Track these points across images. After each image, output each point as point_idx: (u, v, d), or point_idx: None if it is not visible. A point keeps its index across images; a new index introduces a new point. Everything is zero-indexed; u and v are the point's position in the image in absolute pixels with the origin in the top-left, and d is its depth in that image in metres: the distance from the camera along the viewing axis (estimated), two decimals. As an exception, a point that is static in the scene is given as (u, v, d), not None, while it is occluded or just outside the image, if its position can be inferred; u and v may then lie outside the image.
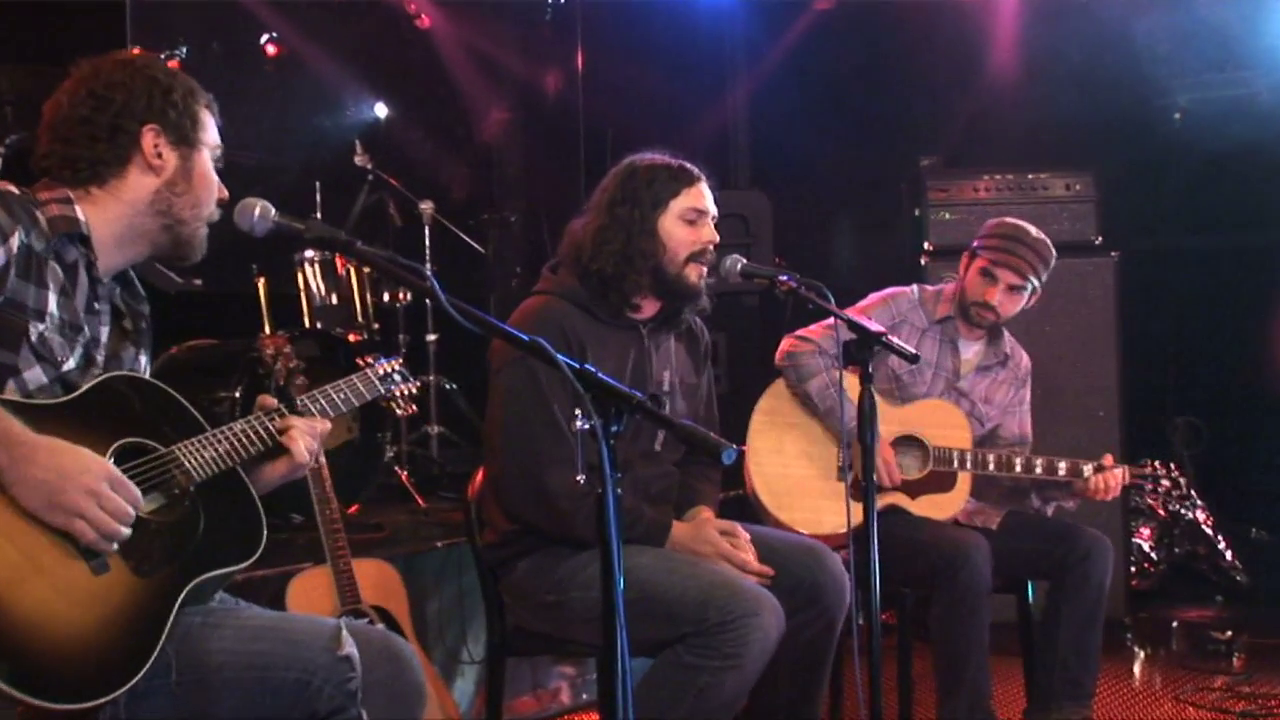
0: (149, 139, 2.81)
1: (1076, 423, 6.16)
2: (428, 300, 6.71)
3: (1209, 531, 7.09)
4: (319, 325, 6.18)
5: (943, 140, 7.38)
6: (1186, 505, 7.04)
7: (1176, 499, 4.71)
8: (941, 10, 7.70)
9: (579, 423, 2.44)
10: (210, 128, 2.92)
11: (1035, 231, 4.74)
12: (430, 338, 6.92)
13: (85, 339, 2.77)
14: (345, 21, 8.04)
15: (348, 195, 6.96)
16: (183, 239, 2.89)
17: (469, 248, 7.48)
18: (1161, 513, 6.98)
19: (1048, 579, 4.66)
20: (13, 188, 2.72)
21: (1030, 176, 6.46)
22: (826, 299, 3.82)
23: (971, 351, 4.85)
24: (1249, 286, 7.54)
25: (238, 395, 5.15)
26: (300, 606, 4.18)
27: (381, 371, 3.22)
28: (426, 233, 7.01)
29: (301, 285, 6.27)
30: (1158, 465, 4.68)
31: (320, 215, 6.61)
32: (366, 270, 6.38)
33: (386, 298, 6.72)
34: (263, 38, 7.58)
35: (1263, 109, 7.24)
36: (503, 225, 8.16)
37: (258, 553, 2.81)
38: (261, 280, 6.30)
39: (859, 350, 3.65)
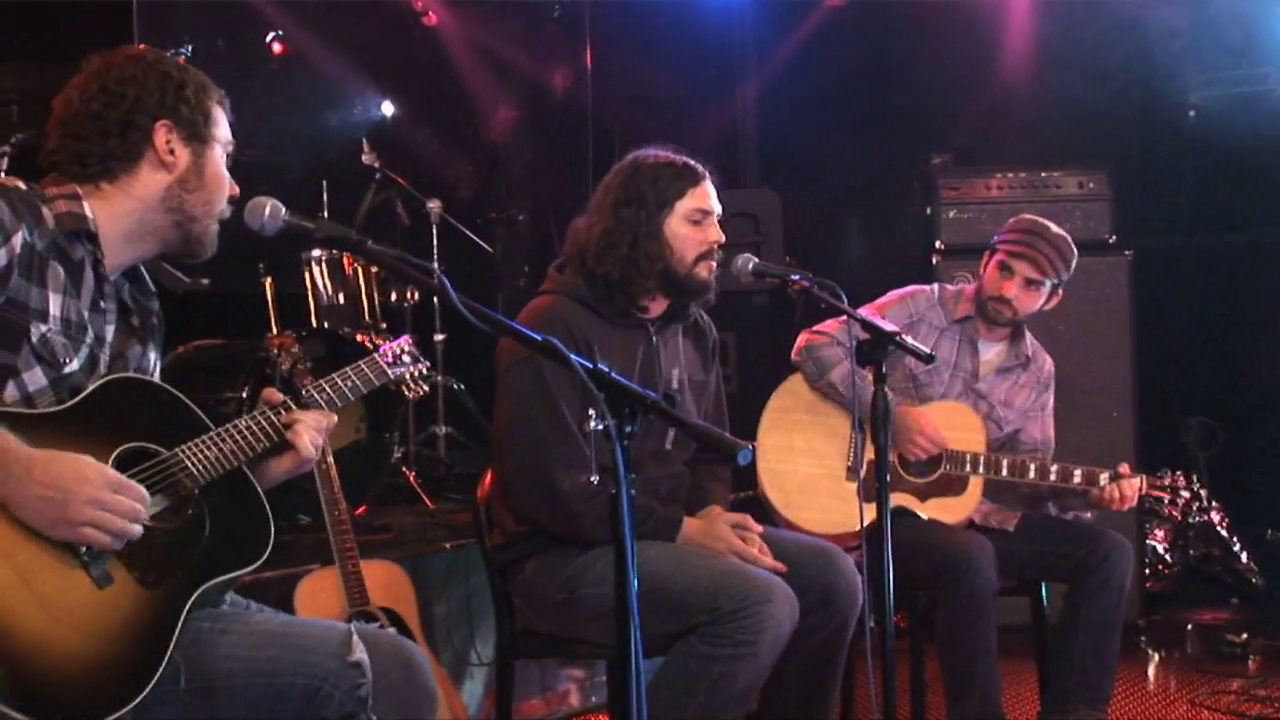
0: (161, 135, 2.79)
1: (1090, 423, 6.15)
2: (435, 300, 6.84)
3: (1224, 533, 7.07)
4: (326, 325, 6.18)
5: (954, 138, 7.36)
6: (1202, 508, 7.03)
7: (1197, 511, 4.66)
8: (953, 7, 7.69)
9: (593, 423, 2.43)
10: (222, 124, 2.90)
11: (1056, 229, 4.73)
12: (438, 337, 6.91)
13: (90, 339, 2.75)
14: (351, 19, 8.03)
15: (354, 194, 6.95)
16: (193, 236, 2.87)
17: (476, 246, 7.48)
18: (1176, 515, 6.97)
19: (1066, 581, 4.63)
20: (20, 183, 2.70)
21: (1043, 174, 6.44)
22: (840, 298, 3.82)
23: (992, 352, 4.82)
24: (1265, 285, 7.52)
25: (244, 395, 5.14)
26: (308, 608, 4.18)
27: (390, 355, 3.18)
28: (434, 231, 7.01)
29: (308, 285, 6.26)
30: (1177, 475, 4.63)
31: (327, 214, 6.61)
32: (374, 270, 6.38)
33: (394, 297, 6.72)
34: (268, 36, 7.58)
35: (1278, 105, 7.22)
36: (510, 224, 8.16)
37: (265, 555, 2.79)
38: (268, 280, 6.30)
39: (873, 350, 3.64)
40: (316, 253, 6.24)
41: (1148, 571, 6.72)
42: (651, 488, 3.91)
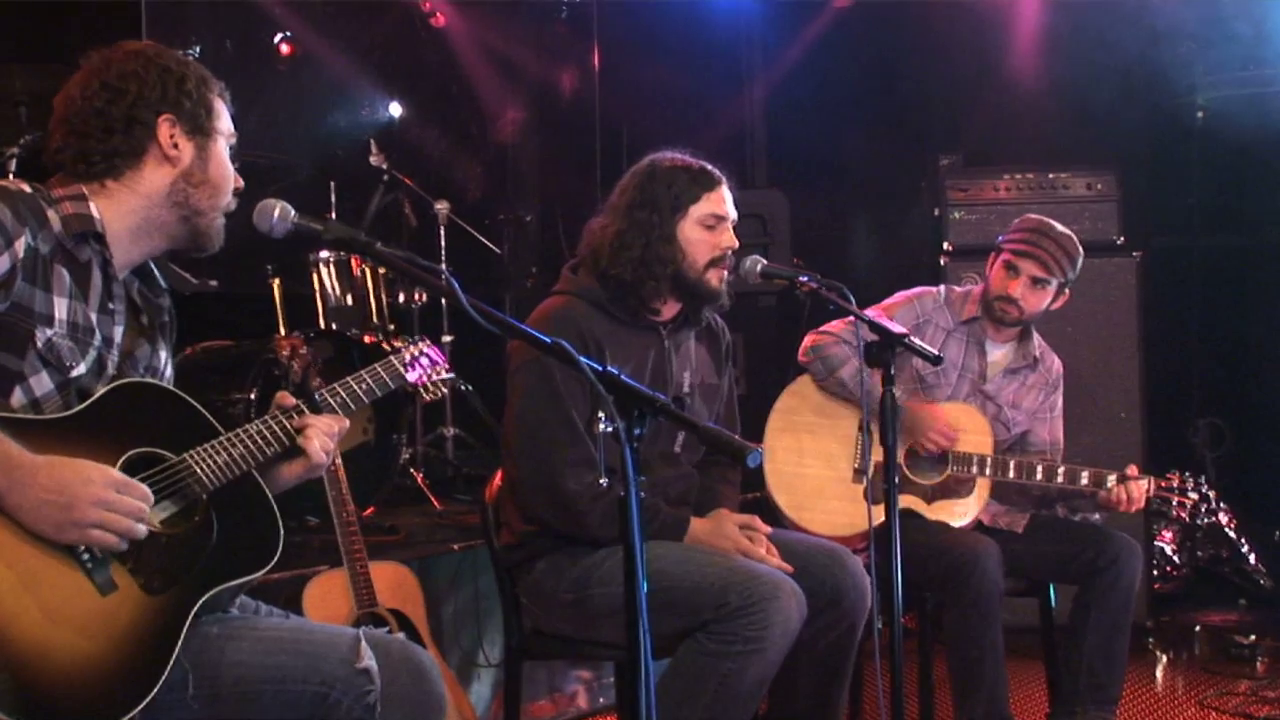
0: (165, 129, 2.79)
1: (1098, 424, 6.15)
2: (443, 301, 6.84)
3: (1232, 534, 7.07)
4: (334, 326, 6.18)
5: (962, 139, 7.37)
6: (1210, 509, 7.01)
7: (1206, 513, 4.65)
8: (961, 8, 7.68)
9: (602, 425, 2.43)
10: (224, 116, 2.90)
11: (1061, 228, 4.74)
12: (446, 339, 6.90)
13: (97, 342, 2.74)
14: (359, 20, 8.03)
15: (362, 195, 6.95)
16: (200, 230, 2.86)
17: (484, 248, 7.48)
18: (1184, 516, 6.96)
19: (1075, 582, 4.63)
20: (25, 186, 2.70)
21: (1051, 175, 6.44)
22: (847, 300, 3.82)
23: (999, 353, 4.83)
24: (1274, 286, 7.51)
25: (253, 397, 5.15)
26: (316, 609, 4.18)
27: (407, 357, 3.17)
28: (441, 233, 7.01)
29: (316, 286, 6.26)
30: (1185, 477, 4.63)
31: (335, 216, 6.61)
32: (382, 271, 6.37)
33: (402, 299, 6.71)
34: (276, 37, 7.58)
35: (1287, 106, 7.22)
36: (518, 225, 8.14)
37: (273, 560, 2.77)
38: (276, 281, 6.30)
39: (881, 352, 3.64)
40: (325, 254, 6.24)
41: (1156, 573, 6.72)
42: (660, 490, 3.91)
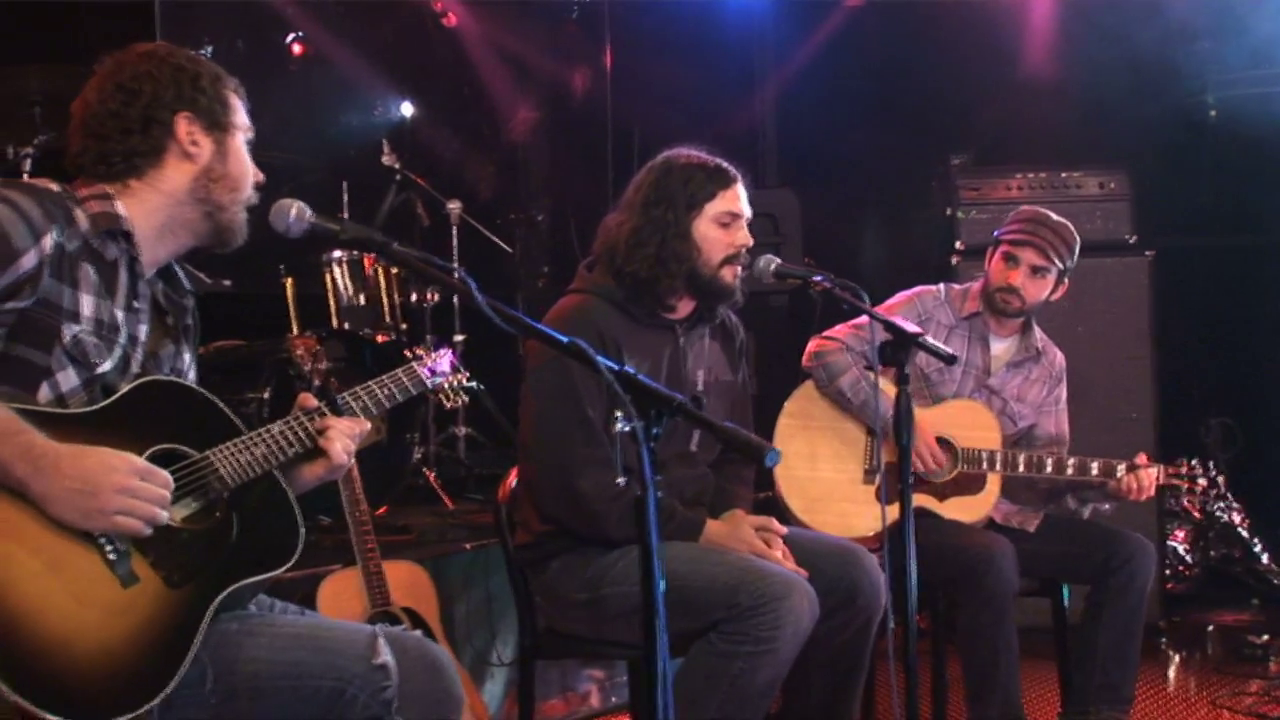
0: (183, 127, 2.81)
1: (1109, 425, 6.14)
2: (455, 300, 6.85)
3: (1245, 534, 7.07)
4: (346, 326, 6.20)
5: (974, 138, 7.36)
6: (1222, 507, 7.01)
7: (1214, 498, 4.67)
8: (973, 6, 7.68)
9: (619, 425, 2.43)
10: (240, 111, 2.93)
11: (1056, 217, 4.76)
12: (458, 338, 6.92)
13: (123, 339, 2.76)
14: (371, 20, 8.04)
15: (375, 195, 6.97)
16: (223, 225, 2.89)
17: (496, 247, 7.49)
18: (1197, 515, 6.96)
19: (1088, 583, 4.63)
20: (52, 185, 2.72)
21: (1063, 175, 6.44)
22: (861, 299, 3.83)
23: (1001, 346, 4.84)
24: (1285, 286, 7.51)
25: (266, 396, 5.16)
26: (330, 608, 4.20)
27: (429, 364, 3.18)
28: (454, 232, 7.02)
29: (329, 286, 6.28)
30: (1194, 464, 4.65)
31: (347, 215, 6.63)
32: (394, 271, 6.39)
33: (414, 298, 6.72)
34: (288, 37, 7.60)
35: (1300, 105, 7.21)
36: (530, 225, 8.17)
37: (293, 559, 2.79)
38: (289, 281, 6.32)
39: (895, 351, 3.64)
40: (337, 254, 6.25)
41: (1168, 573, 6.72)
42: (676, 490, 3.91)
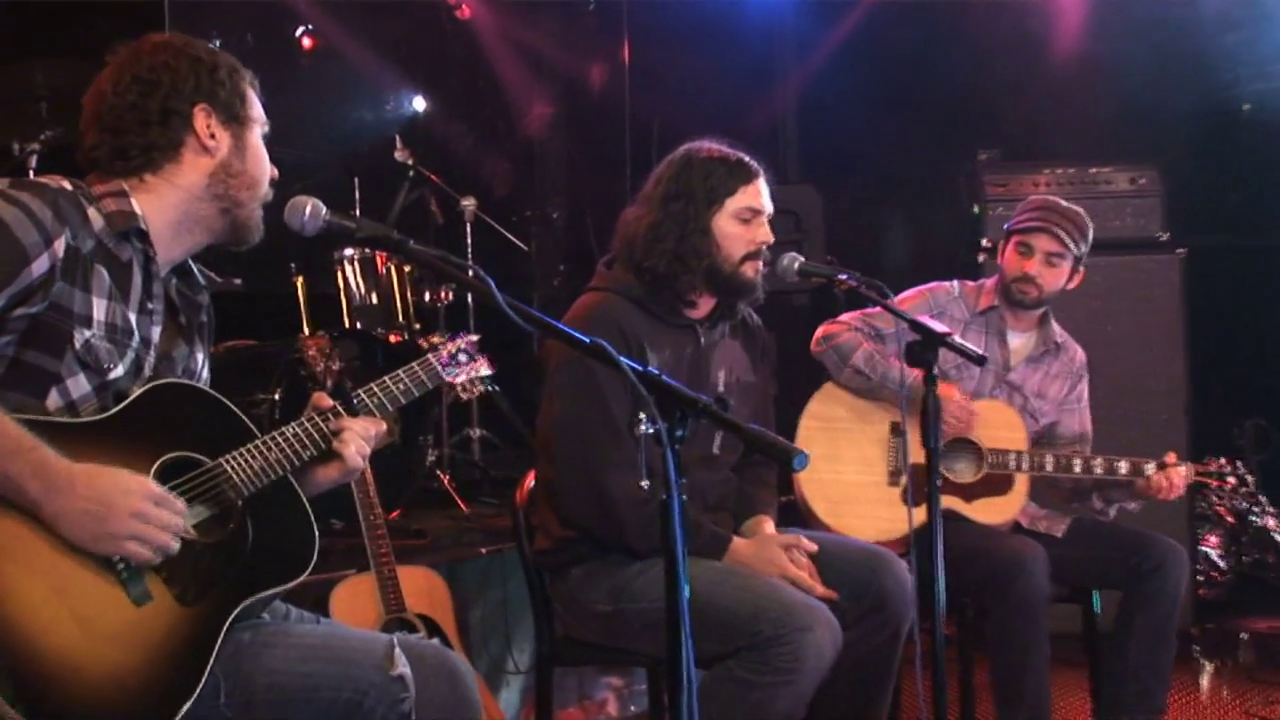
0: (201, 119, 2.79)
1: (1140, 426, 6.10)
2: (470, 299, 6.84)
3: (1279, 539, 7.03)
4: (359, 325, 6.20)
5: (1001, 133, 7.34)
6: (1255, 510, 6.98)
7: (1244, 496, 4.65)
8: (1000, -2, 7.67)
9: (643, 426, 2.42)
10: (256, 105, 2.91)
11: (1066, 203, 4.76)
12: (472, 338, 6.90)
13: (135, 343, 2.74)
14: (383, 13, 8.05)
15: (387, 192, 6.97)
16: (240, 222, 2.86)
17: (511, 245, 7.49)
18: (1229, 519, 6.93)
19: (1119, 589, 4.62)
20: (65, 183, 2.69)
21: (1093, 170, 6.42)
22: (887, 298, 3.81)
23: (1020, 340, 4.85)
24: (1321, 284, 7.48)
25: (277, 397, 5.17)
26: (344, 614, 4.19)
27: (445, 355, 3.15)
28: (468, 230, 7.02)
29: (341, 284, 6.28)
30: (1223, 462, 4.64)
31: (359, 212, 6.63)
32: (407, 269, 6.39)
33: (427, 297, 6.73)
34: (298, 30, 7.61)
35: (1335, 99, 7.19)
36: (545, 222, 8.18)
37: (308, 569, 2.78)
38: (300, 280, 6.33)
39: (923, 351, 3.62)
40: (349, 252, 6.26)
41: (1201, 578, 6.69)
42: (699, 494, 3.89)
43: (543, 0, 8.71)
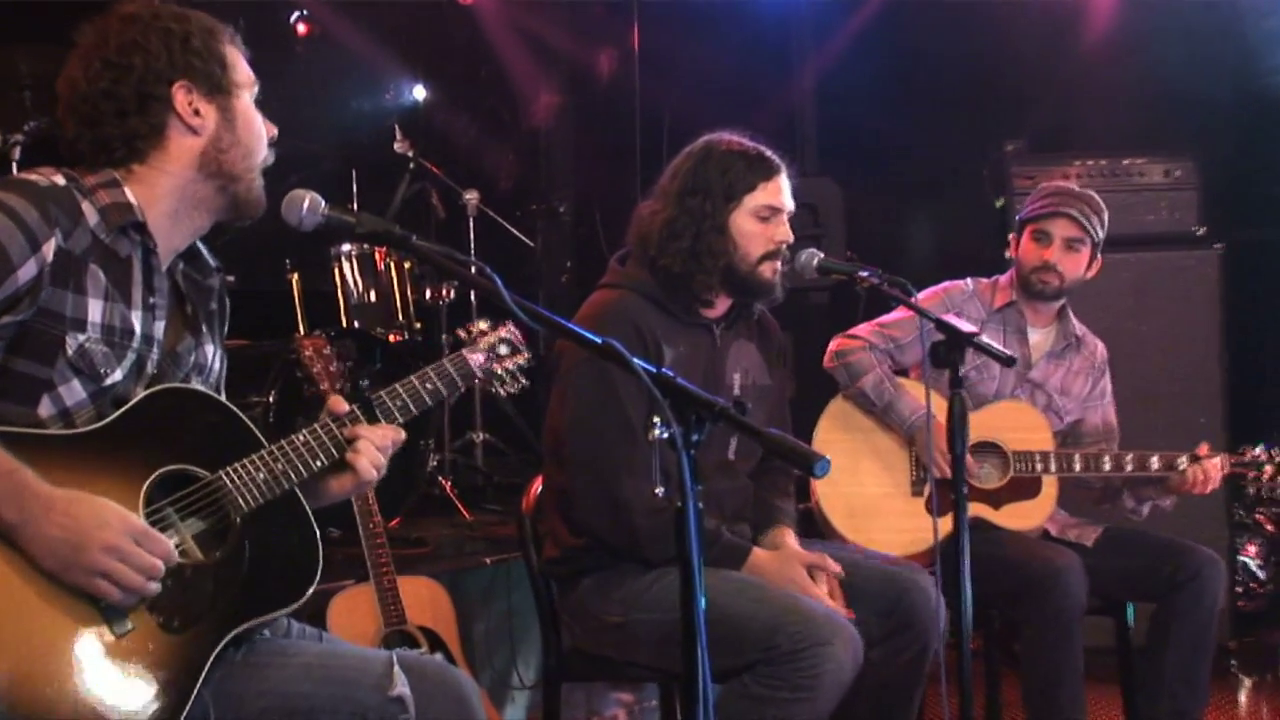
0: (182, 98, 2.70)
1: (1174, 431, 6.05)
2: (472, 298, 6.84)
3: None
4: (357, 324, 6.20)
5: (1029, 123, 7.31)
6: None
7: (1287, 490, 4.63)
8: (1028, -19, 7.65)
9: (657, 431, 2.41)
10: (240, 65, 2.82)
11: (1078, 187, 4.81)
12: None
13: (137, 342, 2.68)
14: (381, -3, 8.06)
15: (387, 185, 6.97)
16: (240, 197, 2.79)
17: (516, 240, 7.49)
18: (1269, 527, 6.91)
19: (1153, 600, 4.61)
20: (57, 177, 2.64)
21: (1125, 162, 6.40)
22: (910, 295, 3.81)
23: (1040, 335, 4.86)
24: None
25: (271, 400, 5.16)
26: (342, 626, 4.19)
27: (483, 348, 3.03)
28: (471, 224, 7.02)
29: (338, 281, 6.28)
30: (1259, 452, 4.62)
31: (358, 206, 6.63)
32: (407, 265, 6.39)
33: (428, 295, 6.72)
34: (293, 15, 7.60)
35: (1379, 86, 7.16)
36: (552, 216, 8.16)
37: (308, 593, 2.73)
38: (295, 276, 6.32)
39: (949, 352, 3.61)
40: (347, 247, 6.26)
41: (1239, 590, 6.67)
42: (716, 502, 3.89)
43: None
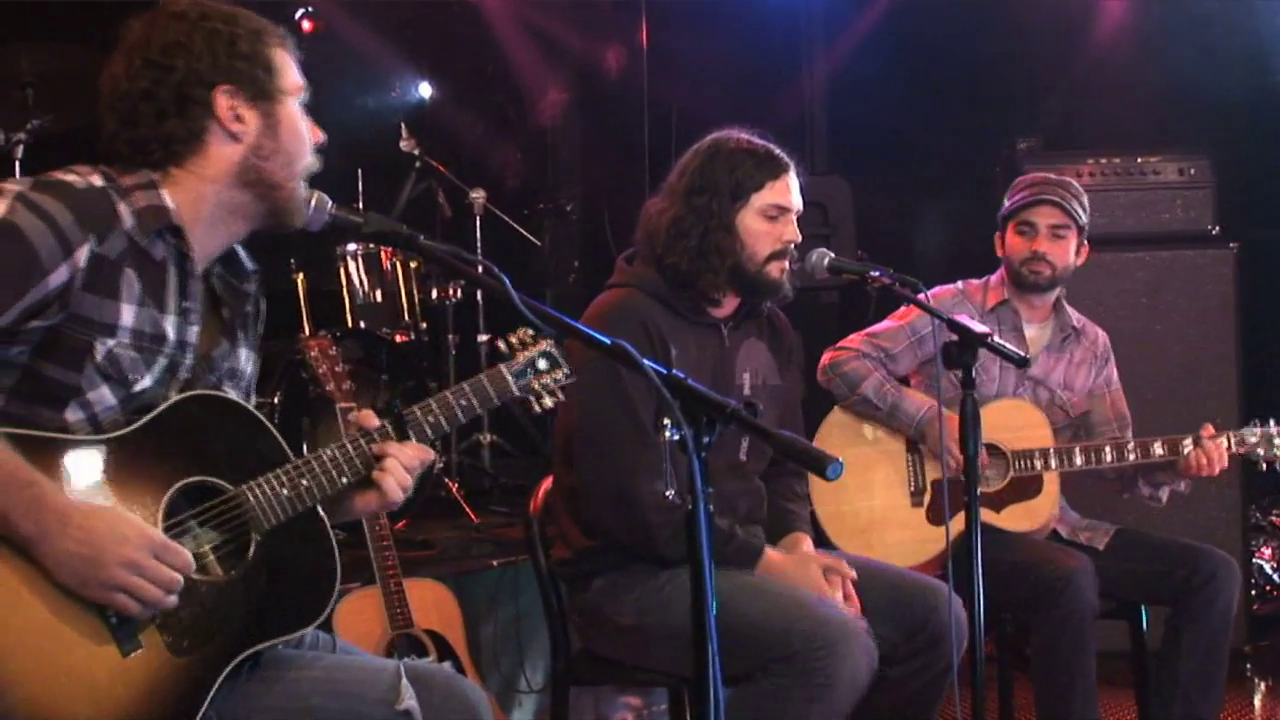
0: (223, 103, 2.65)
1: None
2: (480, 298, 6.84)
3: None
4: (363, 324, 6.20)
5: (1041, 120, 7.33)
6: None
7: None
8: (1040, -23, 7.65)
9: (668, 433, 2.42)
10: (289, 69, 2.76)
11: (1054, 175, 4.83)
12: (482, 338, 6.92)
13: (169, 348, 2.64)
14: (387, -7, 8.07)
15: (393, 183, 6.98)
16: (279, 205, 2.74)
17: (523, 240, 7.49)
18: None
19: (1167, 604, 4.60)
20: (97, 178, 2.59)
21: (1139, 160, 6.38)
22: (923, 295, 3.81)
23: (1035, 331, 4.86)
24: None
25: (276, 401, 5.17)
26: (348, 629, 4.19)
27: (520, 363, 2.93)
28: (477, 223, 7.02)
29: (343, 281, 6.29)
30: (1271, 425, 4.60)
31: (363, 205, 6.63)
32: (413, 265, 6.40)
33: (435, 294, 6.72)
34: (298, 13, 7.60)
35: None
36: (559, 215, 8.16)
37: (322, 617, 2.70)
38: (300, 276, 6.32)
39: (961, 353, 3.62)
40: (352, 247, 6.26)
41: (1254, 593, 6.67)
42: (729, 506, 3.89)
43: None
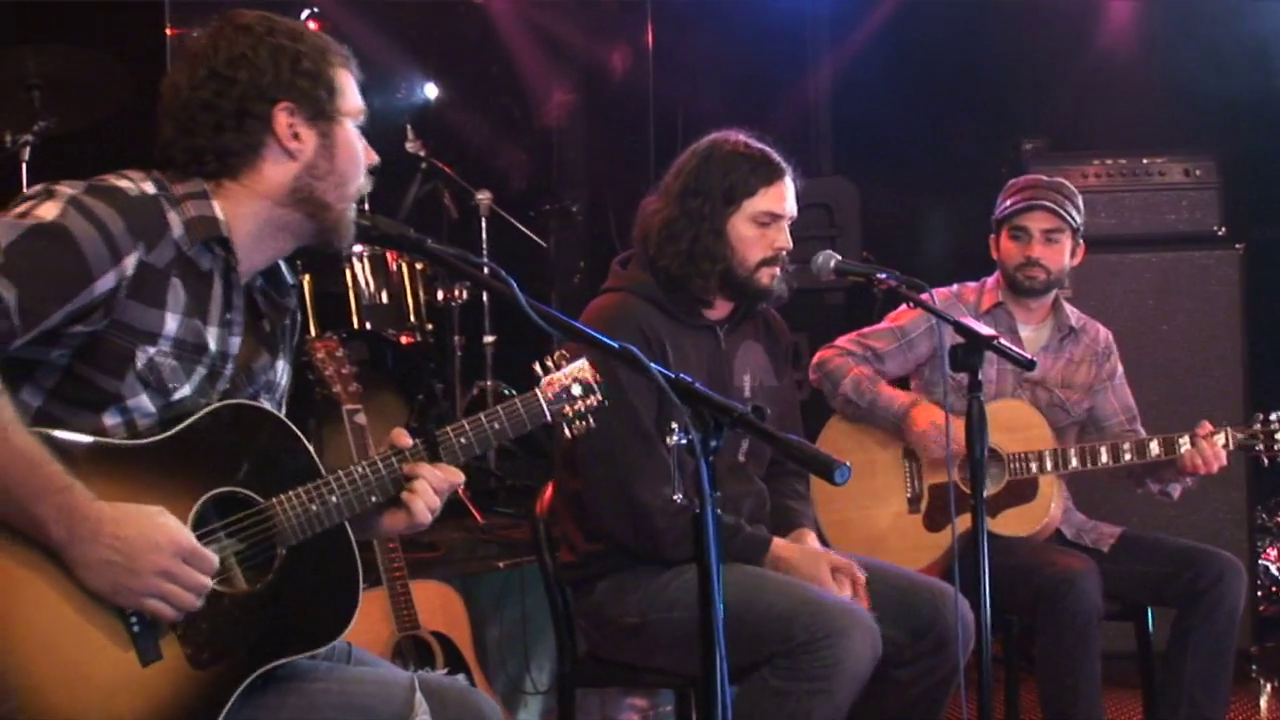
0: (282, 120, 2.65)
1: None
2: (485, 299, 6.84)
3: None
4: (368, 326, 6.21)
5: (1047, 121, 7.32)
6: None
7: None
8: (1045, -22, 7.65)
9: (674, 437, 2.43)
10: (350, 91, 2.76)
11: (1046, 176, 4.84)
12: (488, 339, 6.93)
13: (210, 357, 2.65)
14: (393, -6, 8.07)
15: (398, 185, 6.98)
16: (328, 225, 2.74)
17: (529, 241, 7.50)
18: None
19: (1173, 605, 4.61)
20: (149, 185, 2.59)
21: (1145, 161, 6.38)
22: (930, 298, 3.82)
23: (1030, 332, 4.86)
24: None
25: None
26: (355, 632, 4.13)
27: (556, 388, 2.93)
28: (483, 225, 7.02)
29: (349, 283, 6.29)
30: (1271, 419, 4.60)
31: (368, 207, 6.63)
32: (419, 266, 6.40)
33: (440, 296, 6.73)
34: (303, 13, 7.61)
35: (1404, 84, 7.15)
36: (565, 216, 8.15)
37: (344, 633, 2.70)
38: (306, 277, 6.33)
39: (967, 355, 3.63)
40: (358, 248, 6.25)
41: (1260, 594, 6.67)
42: (733, 507, 3.90)
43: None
